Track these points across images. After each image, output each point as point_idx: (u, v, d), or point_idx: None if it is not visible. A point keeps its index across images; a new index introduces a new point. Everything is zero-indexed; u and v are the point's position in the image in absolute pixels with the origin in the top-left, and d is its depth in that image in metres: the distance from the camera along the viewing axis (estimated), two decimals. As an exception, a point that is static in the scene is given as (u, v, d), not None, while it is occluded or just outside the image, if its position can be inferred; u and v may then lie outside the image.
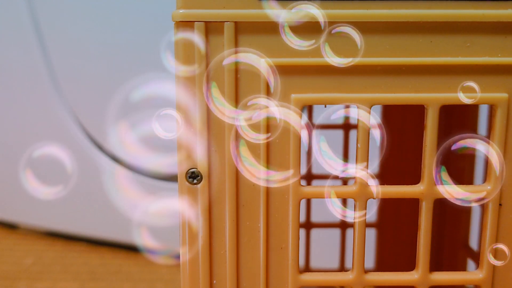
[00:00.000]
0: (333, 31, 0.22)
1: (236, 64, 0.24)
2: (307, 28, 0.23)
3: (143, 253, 0.27)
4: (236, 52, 0.23)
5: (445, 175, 0.24)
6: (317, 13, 0.21)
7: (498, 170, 0.24)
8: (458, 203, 0.25)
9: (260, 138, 0.23)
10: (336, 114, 0.24)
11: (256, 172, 0.24)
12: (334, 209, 0.24)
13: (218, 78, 0.24)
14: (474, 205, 0.25)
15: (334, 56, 0.23)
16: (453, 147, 0.24)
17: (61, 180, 0.25)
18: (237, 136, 0.23)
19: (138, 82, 0.25)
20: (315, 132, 0.22)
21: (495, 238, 0.26)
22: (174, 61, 0.23)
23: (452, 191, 0.24)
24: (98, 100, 0.63)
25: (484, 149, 0.24)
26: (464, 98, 0.24)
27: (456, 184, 0.25)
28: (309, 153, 0.42)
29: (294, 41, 0.22)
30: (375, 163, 0.24)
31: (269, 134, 0.23)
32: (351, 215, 0.24)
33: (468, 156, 0.37)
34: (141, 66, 0.61)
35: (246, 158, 0.23)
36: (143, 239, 0.26)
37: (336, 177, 0.37)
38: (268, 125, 0.24)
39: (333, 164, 0.24)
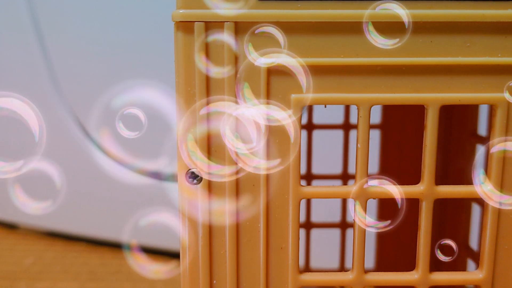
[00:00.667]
0: (256, 31, 0.22)
1: (236, 63, 0.24)
2: (392, 27, 0.23)
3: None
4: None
5: (483, 178, 0.24)
6: (402, 12, 0.21)
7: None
8: (496, 205, 0.25)
9: (243, 148, 0.23)
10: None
11: (203, 166, 0.24)
12: (359, 219, 0.24)
13: (219, 78, 0.24)
14: None
15: (258, 56, 0.23)
16: (492, 150, 0.24)
17: (51, 194, 0.25)
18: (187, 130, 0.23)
19: (121, 89, 0.25)
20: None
21: (495, 238, 0.26)
22: (205, 62, 0.23)
23: (491, 194, 0.24)
24: (98, 100, 0.63)
25: None
26: (510, 98, 0.24)
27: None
28: (309, 153, 0.42)
29: (378, 40, 0.22)
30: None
31: (254, 144, 0.23)
32: (378, 225, 0.24)
33: (468, 156, 0.37)
34: (141, 66, 0.61)
35: (194, 152, 0.23)
36: (133, 255, 0.26)
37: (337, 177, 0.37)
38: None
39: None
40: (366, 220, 0.24)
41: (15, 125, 0.24)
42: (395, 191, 0.24)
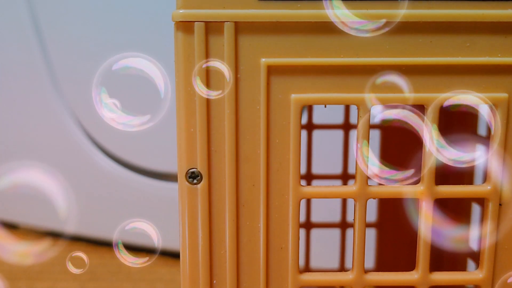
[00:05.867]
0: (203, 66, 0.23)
1: (236, 63, 0.24)
2: None
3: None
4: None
5: None
6: None
7: None
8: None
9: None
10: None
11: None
12: None
13: (218, 77, 0.24)
14: None
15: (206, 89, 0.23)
16: None
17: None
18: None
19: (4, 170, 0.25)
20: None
21: (495, 238, 0.26)
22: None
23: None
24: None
25: None
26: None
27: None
28: (309, 153, 0.42)
29: None
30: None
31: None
32: None
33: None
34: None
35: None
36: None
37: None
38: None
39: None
40: None
41: (142, 82, 0.24)
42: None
